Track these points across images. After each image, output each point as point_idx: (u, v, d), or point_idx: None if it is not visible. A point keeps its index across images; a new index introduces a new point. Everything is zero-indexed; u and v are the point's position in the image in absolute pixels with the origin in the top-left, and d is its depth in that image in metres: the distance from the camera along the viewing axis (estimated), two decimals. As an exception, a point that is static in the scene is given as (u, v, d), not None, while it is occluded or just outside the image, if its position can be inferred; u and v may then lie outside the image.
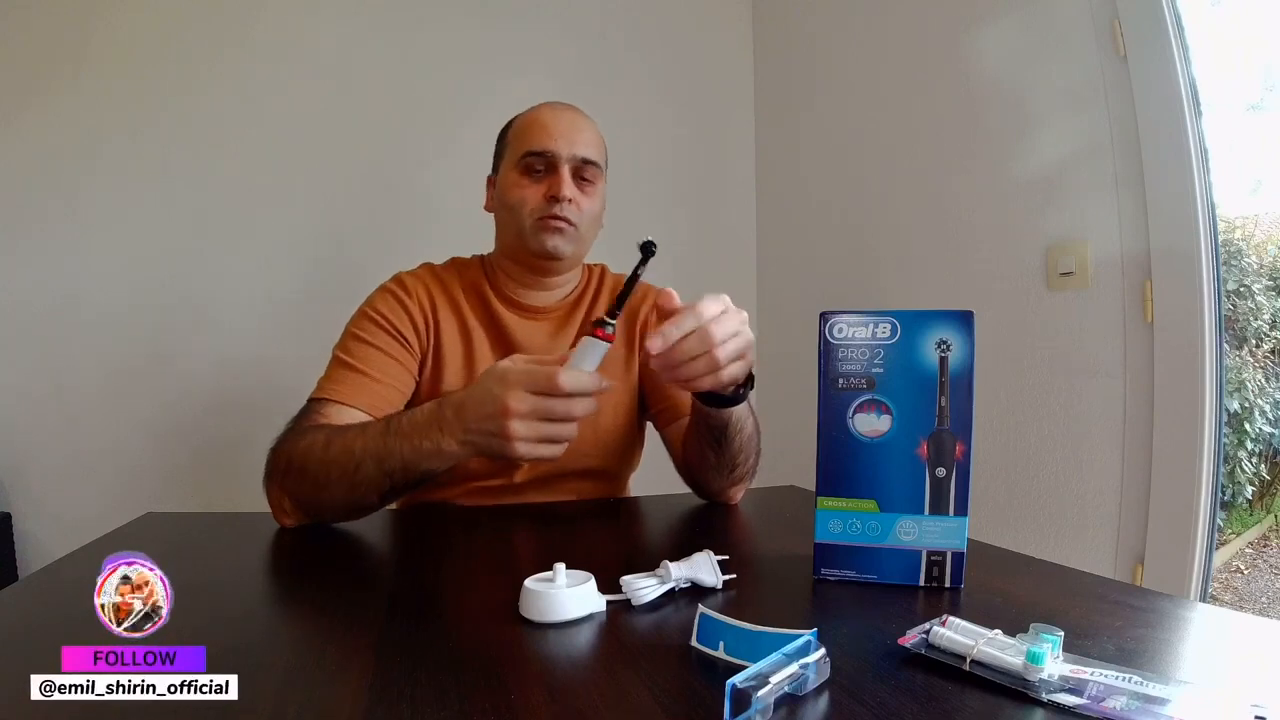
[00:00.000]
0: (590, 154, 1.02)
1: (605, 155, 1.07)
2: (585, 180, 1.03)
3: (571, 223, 1.00)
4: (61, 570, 0.71)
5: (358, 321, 1.01)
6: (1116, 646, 0.49)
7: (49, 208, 1.80)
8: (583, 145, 1.02)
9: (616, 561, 0.73)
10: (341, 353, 0.97)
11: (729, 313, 0.69)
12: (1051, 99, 1.46)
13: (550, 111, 1.04)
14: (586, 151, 1.02)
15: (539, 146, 1.00)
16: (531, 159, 1.01)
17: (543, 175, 1.01)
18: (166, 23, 1.85)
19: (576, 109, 1.06)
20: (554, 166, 1.00)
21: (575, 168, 1.01)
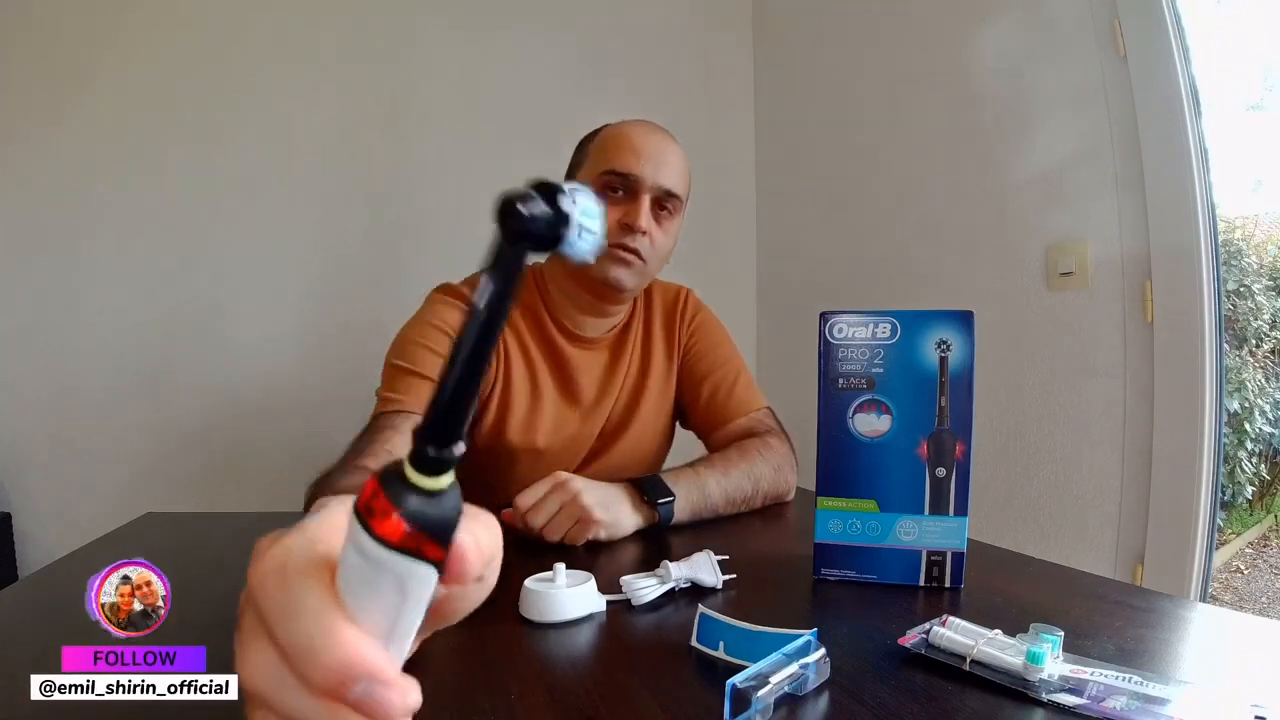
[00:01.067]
0: (675, 186, 0.95)
1: (689, 186, 1.00)
2: (664, 211, 0.96)
3: (642, 257, 0.94)
4: (61, 570, 0.71)
5: (420, 331, 0.92)
6: (1116, 646, 0.49)
7: (51, 210, 1.80)
8: (668, 174, 0.95)
9: (616, 561, 0.73)
10: (405, 362, 0.88)
11: (548, 496, 0.76)
12: (1051, 99, 1.46)
13: (641, 131, 0.96)
14: (671, 183, 0.95)
15: (623, 167, 0.93)
16: (612, 178, 0.93)
17: (621, 199, 0.94)
18: (176, 31, 1.85)
19: (667, 133, 0.99)
20: (634, 192, 0.93)
21: (656, 197, 0.94)
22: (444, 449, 0.21)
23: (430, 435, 0.21)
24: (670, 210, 0.97)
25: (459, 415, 0.21)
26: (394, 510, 0.20)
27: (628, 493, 0.82)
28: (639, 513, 0.81)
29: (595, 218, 0.21)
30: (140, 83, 1.83)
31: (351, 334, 1.91)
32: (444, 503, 0.21)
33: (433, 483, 0.21)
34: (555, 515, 0.76)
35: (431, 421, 0.21)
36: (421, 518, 0.20)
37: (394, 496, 0.20)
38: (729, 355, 1.09)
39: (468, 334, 0.20)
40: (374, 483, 0.21)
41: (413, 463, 0.21)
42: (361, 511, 0.20)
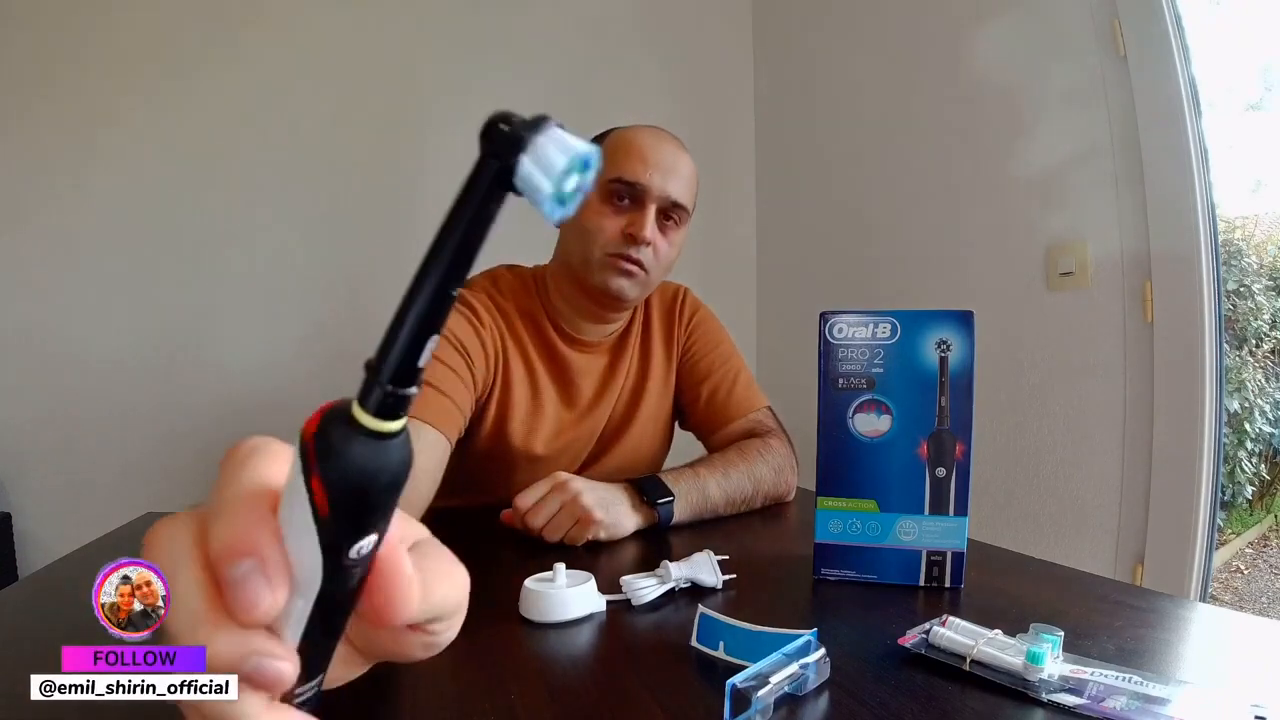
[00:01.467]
0: (682, 197, 0.94)
1: (696, 196, 0.99)
2: (670, 221, 0.95)
3: (644, 268, 0.93)
4: (61, 570, 0.71)
5: None
6: (1116, 646, 0.49)
7: (52, 211, 1.80)
8: (676, 185, 0.93)
9: (616, 561, 0.73)
10: None
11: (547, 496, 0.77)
12: (1051, 99, 1.46)
13: (651, 138, 0.95)
14: (678, 193, 0.93)
15: (630, 176, 0.91)
16: (618, 186, 0.92)
17: (626, 208, 0.92)
18: (175, 32, 1.85)
19: (678, 141, 0.97)
20: (640, 201, 0.92)
21: (662, 207, 0.93)
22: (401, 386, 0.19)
23: (386, 370, 0.18)
24: (676, 221, 0.95)
25: (418, 349, 0.19)
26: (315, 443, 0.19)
27: (627, 493, 0.82)
28: (639, 513, 0.81)
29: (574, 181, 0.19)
30: (140, 84, 1.83)
31: (353, 333, 1.91)
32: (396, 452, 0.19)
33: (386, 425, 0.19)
34: (555, 515, 0.76)
35: (388, 354, 0.18)
36: (347, 465, 0.19)
37: (326, 431, 0.19)
38: (728, 354, 1.09)
39: (433, 256, 0.18)
40: (317, 417, 0.19)
41: (364, 403, 0.19)
42: (302, 436, 0.19)
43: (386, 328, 0.18)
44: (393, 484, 0.19)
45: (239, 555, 0.19)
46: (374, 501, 0.19)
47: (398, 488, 0.19)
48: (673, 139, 0.97)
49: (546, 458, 0.97)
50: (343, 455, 0.18)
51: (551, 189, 0.18)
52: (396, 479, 0.19)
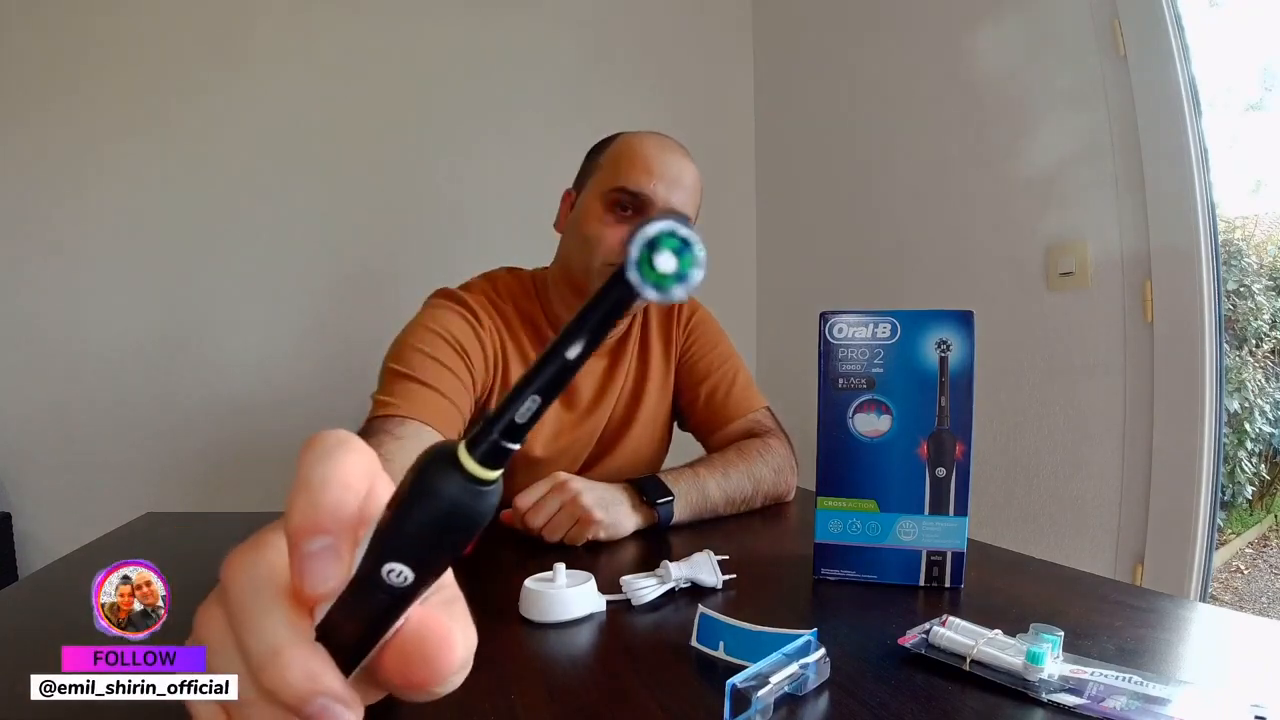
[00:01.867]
0: (685, 208, 0.93)
1: (700, 205, 0.98)
2: None
3: None
4: (61, 570, 0.71)
5: (419, 336, 0.89)
6: (1116, 646, 0.49)
7: (53, 212, 1.80)
8: (680, 195, 0.92)
9: (616, 561, 0.73)
10: (403, 366, 0.86)
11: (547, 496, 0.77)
12: (1051, 99, 1.46)
13: (655, 146, 0.93)
14: (682, 204, 0.92)
15: (634, 186, 0.90)
16: (621, 195, 0.91)
17: (628, 217, 0.91)
18: (175, 33, 1.85)
19: (682, 149, 0.96)
20: (643, 211, 0.91)
21: None
22: (508, 439, 0.19)
23: (508, 423, 0.19)
24: None
25: (540, 410, 0.19)
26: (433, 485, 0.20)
27: (627, 493, 0.82)
28: (639, 513, 0.81)
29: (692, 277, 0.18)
30: (141, 85, 1.83)
31: (352, 333, 1.91)
32: (485, 499, 0.20)
33: (485, 473, 0.20)
34: (555, 515, 0.76)
35: (509, 409, 0.19)
36: (456, 503, 0.20)
37: (441, 473, 0.20)
38: (726, 355, 1.09)
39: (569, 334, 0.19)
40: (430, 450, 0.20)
41: (471, 448, 0.19)
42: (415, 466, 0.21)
43: (514, 387, 0.19)
44: (468, 526, 0.20)
45: (318, 532, 0.20)
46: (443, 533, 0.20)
47: (470, 532, 0.20)
48: (677, 147, 0.96)
49: (546, 459, 0.97)
50: (438, 482, 0.20)
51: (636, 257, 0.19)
52: (474, 523, 0.20)
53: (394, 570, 0.20)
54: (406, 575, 0.20)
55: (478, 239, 1.96)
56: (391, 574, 0.20)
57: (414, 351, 0.87)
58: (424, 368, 0.85)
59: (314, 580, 0.20)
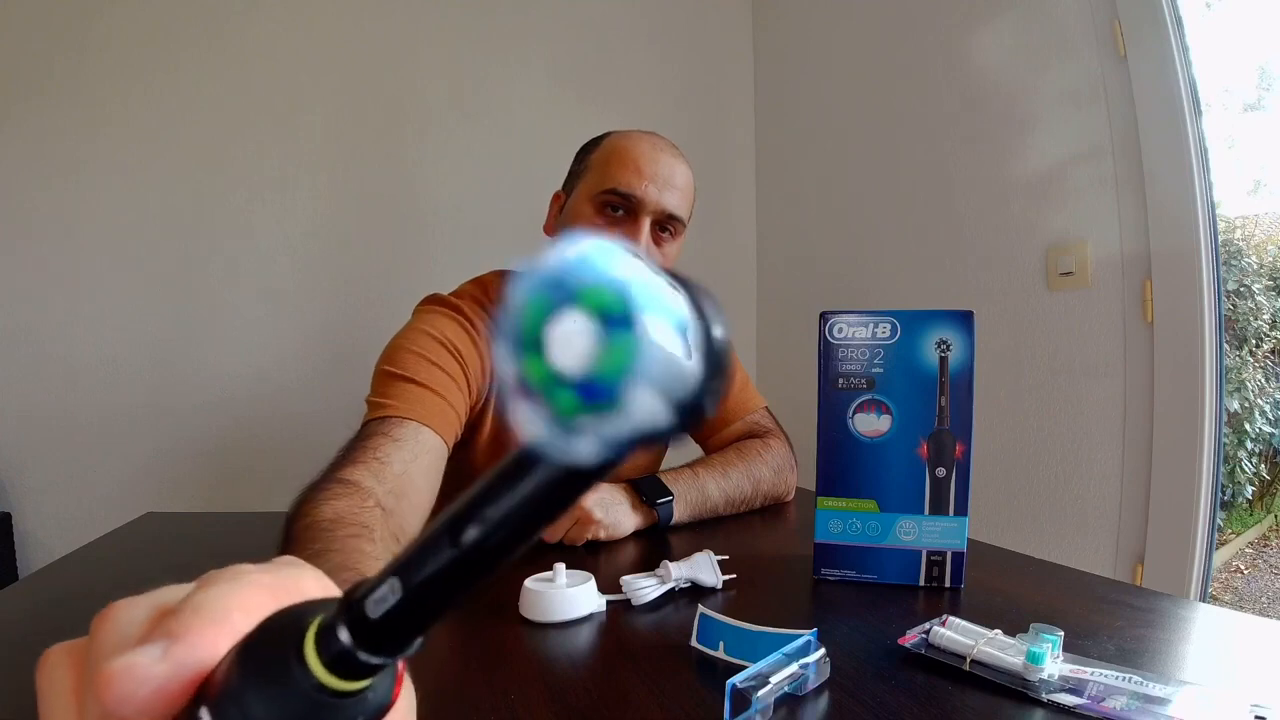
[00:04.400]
0: (678, 209, 0.90)
1: (693, 206, 0.95)
2: (665, 233, 0.91)
3: None
4: (61, 570, 0.71)
5: (412, 338, 0.87)
6: (1116, 646, 0.49)
7: (53, 211, 1.80)
8: (672, 196, 0.89)
9: (616, 561, 0.73)
10: (396, 368, 0.83)
11: None
12: (1051, 99, 1.46)
13: (646, 147, 0.91)
14: (674, 205, 0.90)
15: (625, 188, 0.88)
16: (612, 197, 0.89)
17: (619, 219, 0.89)
18: (175, 31, 1.85)
19: (675, 149, 0.94)
20: (634, 213, 0.88)
21: (657, 220, 0.89)
22: (383, 654, 0.14)
23: (374, 629, 0.13)
24: (671, 232, 0.92)
25: (438, 617, 0.13)
26: (248, 697, 0.14)
27: (627, 493, 0.81)
28: (638, 513, 0.81)
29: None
30: (139, 87, 1.83)
31: (352, 334, 1.91)
32: (348, 711, 0.14)
33: (339, 684, 0.14)
34: None
35: (394, 612, 0.13)
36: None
37: (268, 677, 0.14)
38: None
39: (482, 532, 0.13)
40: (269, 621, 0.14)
41: (321, 645, 0.14)
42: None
43: (390, 568, 0.13)
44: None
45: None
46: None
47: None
48: (669, 146, 0.94)
49: None
50: (262, 697, 0.14)
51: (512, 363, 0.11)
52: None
53: None
54: None
55: (477, 241, 1.96)
56: None
57: (407, 353, 0.85)
58: (418, 368, 0.83)
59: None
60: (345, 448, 0.76)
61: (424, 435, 0.78)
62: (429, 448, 0.78)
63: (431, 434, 0.79)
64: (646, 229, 0.89)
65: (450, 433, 0.82)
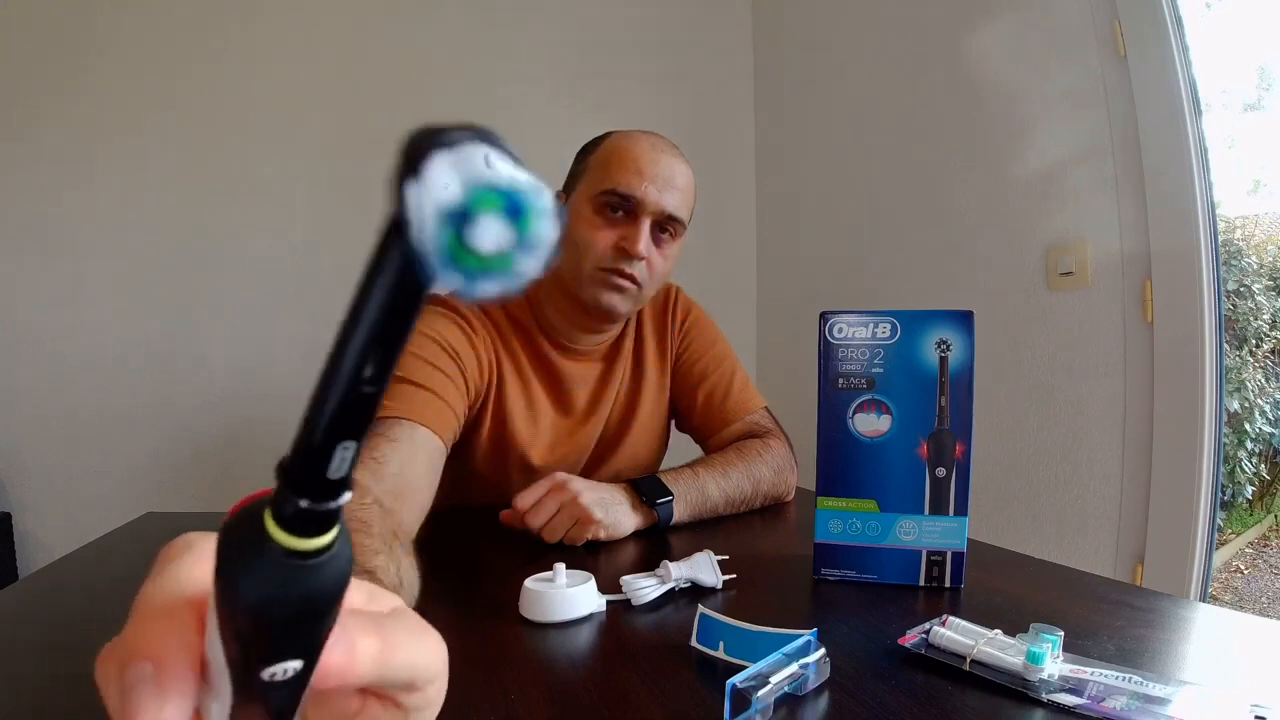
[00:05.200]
0: (678, 210, 0.90)
1: (693, 207, 0.95)
2: (665, 234, 0.91)
3: (637, 283, 0.90)
4: (61, 570, 0.71)
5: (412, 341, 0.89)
6: (1116, 646, 0.49)
7: (53, 211, 1.80)
8: (672, 197, 0.89)
9: (616, 561, 0.73)
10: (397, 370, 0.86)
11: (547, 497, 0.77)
12: (1051, 99, 1.46)
13: (647, 147, 0.90)
14: (674, 206, 0.89)
15: (625, 189, 0.87)
16: (612, 198, 0.88)
17: (619, 220, 0.89)
18: (175, 30, 1.85)
19: (676, 149, 0.93)
20: (634, 214, 0.88)
21: (657, 221, 0.89)
22: (322, 499, 0.15)
23: (303, 479, 0.15)
24: (671, 234, 0.92)
25: (329, 451, 0.15)
26: (218, 565, 0.15)
27: (627, 493, 0.81)
28: (638, 513, 0.81)
29: (493, 235, 0.13)
30: (141, 89, 1.83)
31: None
32: (315, 574, 0.15)
33: (303, 543, 0.15)
34: (554, 516, 0.76)
35: (303, 458, 0.15)
36: (264, 594, 0.15)
37: (240, 554, 0.15)
38: (723, 355, 1.08)
39: (342, 342, 0.14)
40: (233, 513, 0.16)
41: (277, 514, 0.15)
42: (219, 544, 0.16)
43: (298, 427, 0.14)
44: (310, 611, 0.16)
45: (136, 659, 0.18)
46: (283, 629, 0.16)
47: (320, 615, 0.16)
48: (670, 147, 0.93)
49: (544, 468, 0.96)
50: (244, 572, 0.15)
51: (434, 239, 0.12)
52: (315, 605, 0.16)
53: (271, 673, 0.16)
54: (283, 670, 0.16)
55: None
56: (271, 675, 0.16)
57: (405, 355, 0.85)
58: (415, 369, 0.84)
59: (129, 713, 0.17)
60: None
61: (421, 436, 0.78)
62: (426, 448, 0.78)
63: (429, 434, 0.79)
64: (646, 230, 0.89)
65: (448, 433, 0.83)
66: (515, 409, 0.95)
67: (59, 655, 0.49)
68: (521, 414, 0.96)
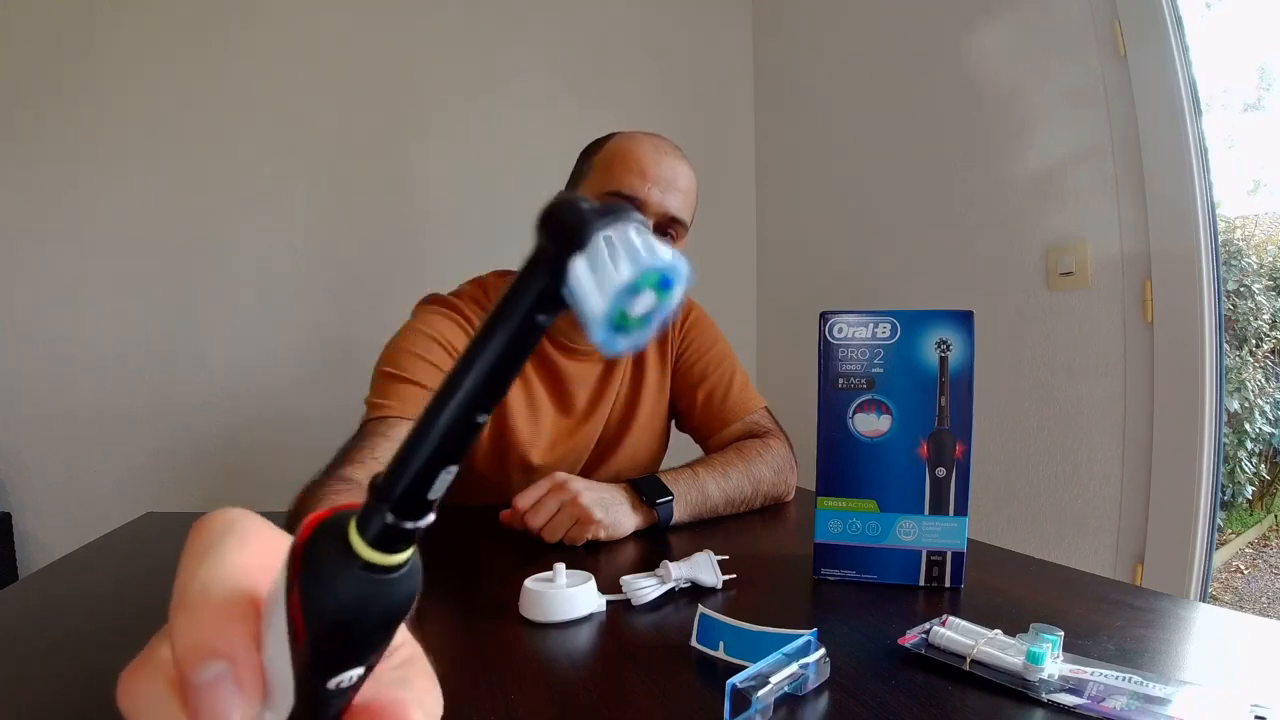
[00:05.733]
0: (681, 212, 0.91)
1: (695, 209, 0.95)
2: (667, 236, 0.91)
3: None
4: (61, 570, 0.71)
5: (411, 339, 0.88)
6: (1116, 646, 0.49)
7: (53, 210, 1.80)
8: (675, 199, 0.90)
9: (616, 561, 0.73)
10: (395, 368, 0.84)
11: (547, 497, 0.77)
12: (1051, 99, 1.46)
13: (650, 148, 0.91)
14: (677, 208, 0.90)
15: (627, 189, 0.88)
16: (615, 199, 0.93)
17: None
18: (175, 30, 1.85)
19: (678, 151, 0.94)
20: None
21: (660, 223, 0.90)
22: (408, 519, 0.16)
23: (393, 497, 0.15)
24: (674, 235, 0.92)
25: (431, 478, 0.15)
26: (301, 568, 0.16)
27: (627, 493, 0.81)
28: (638, 513, 0.81)
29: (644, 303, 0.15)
30: (141, 87, 1.83)
31: (351, 334, 1.91)
32: (393, 588, 0.16)
33: (385, 558, 0.16)
34: (554, 515, 0.76)
35: (398, 479, 0.15)
36: (345, 604, 0.16)
37: (324, 566, 0.16)
38: (723, 355, 1.08)
39: (462, 373, 0.15)
40: (309, 528, 0.17)
41: (362, 529, 0.16)
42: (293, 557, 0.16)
43: (401, 447, 0.15)
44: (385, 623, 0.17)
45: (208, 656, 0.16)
46: (360, 640, 0.17)
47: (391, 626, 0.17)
48: (673, 149, 0.94)
49: (544, 467, 0.97)
50: (329, 586, 0.16)
51: (605, 309, 0.14)
52: (391, 618, 0.17)
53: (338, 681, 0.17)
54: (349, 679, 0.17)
55: (476, 242, 1.96)
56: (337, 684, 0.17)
57: (405, 354, 0.86)
58: (416, 369, 0.84)
59: (210, 716, 0.16)
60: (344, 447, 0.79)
61: None
62: None
63: None
64: None
65: None
66: (517, 408, 0.95)
67: (59, 655, 0.49)
68: (523, 413, 0.96)
